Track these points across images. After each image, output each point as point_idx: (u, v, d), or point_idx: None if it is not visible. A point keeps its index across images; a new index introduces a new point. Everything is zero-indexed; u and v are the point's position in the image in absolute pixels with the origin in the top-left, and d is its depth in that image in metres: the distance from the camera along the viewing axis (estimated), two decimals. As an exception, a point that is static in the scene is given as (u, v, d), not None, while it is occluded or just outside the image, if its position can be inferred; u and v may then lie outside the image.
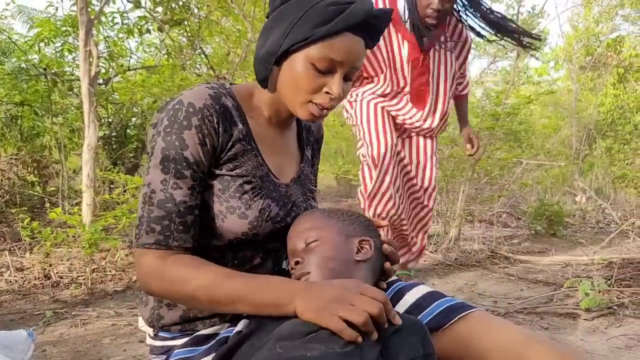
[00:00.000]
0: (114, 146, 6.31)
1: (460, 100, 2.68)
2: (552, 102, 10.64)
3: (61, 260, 3.13)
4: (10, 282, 2.77)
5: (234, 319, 1.04)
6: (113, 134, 6.19)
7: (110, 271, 2.87)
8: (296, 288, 0.88)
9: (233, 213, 1.00)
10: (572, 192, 5.88)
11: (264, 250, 1.11)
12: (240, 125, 1.02)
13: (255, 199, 1.02)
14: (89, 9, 3.50)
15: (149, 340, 1.14)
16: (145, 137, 6.43)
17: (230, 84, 1.10)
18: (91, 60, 3.39)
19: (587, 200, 5.45)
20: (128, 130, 6.36)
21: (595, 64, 8.31)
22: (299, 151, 1.21)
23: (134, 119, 6.28)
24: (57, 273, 2.89)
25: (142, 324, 1.14)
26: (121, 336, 1.91)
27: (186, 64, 4.78)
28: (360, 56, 1.00)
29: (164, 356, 1.10)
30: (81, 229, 2.65)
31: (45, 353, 1.72)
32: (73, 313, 2.19)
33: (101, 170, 5.03)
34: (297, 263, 0.99)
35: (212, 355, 0.98)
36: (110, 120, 5.73)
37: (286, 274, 1.12)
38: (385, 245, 1.03)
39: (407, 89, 2.34)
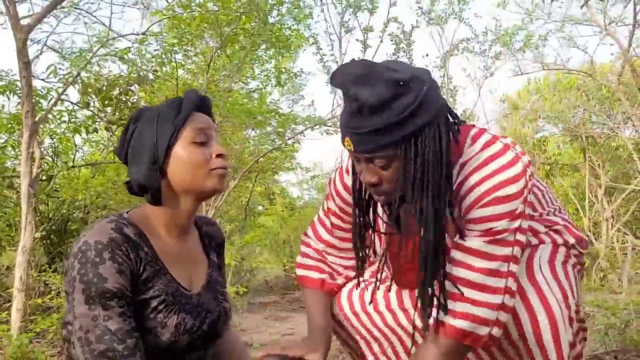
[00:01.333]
0: (54, 240, 6.12)
1: None
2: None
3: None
4: None
5: None
6: (53, 228, 6.02)
7: (36, 383, 2.71)
8: None
9: (150, 333, 1.09)
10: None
11: None
12: (145, 249, 1.12)
13: (169, 315, 1.11)
14: (36, 107, 3.57)
15: None
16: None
17: (127, 211, 1.21)
18: (33, 161, 3.40)
19: None
20: (69, 224, 6.21)
21: (524, 161, 8.94)
22: (206, 257, 1.32)
23: (75, 213, 6.16)
24: (-23, 387, 2.71)
25: None
26: None
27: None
28: (213, 125, 1.23)
29: None
30: (7, 340, 2.54)
31: None
32: None
33: (37, 267, 4.86)
34: None
35: None
36: (50, 216, 5.61)
37: None
38: None
39: None
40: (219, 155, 1.18)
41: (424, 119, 1.09)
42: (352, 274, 1.52)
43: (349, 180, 1.40)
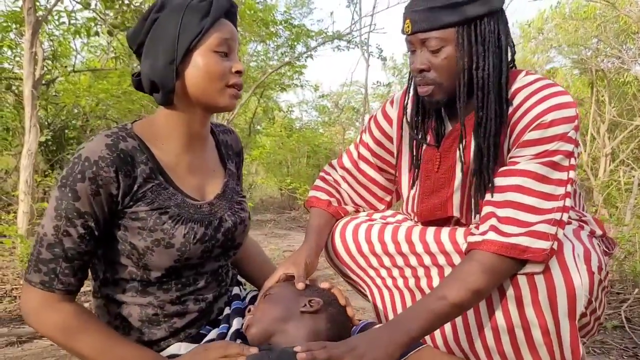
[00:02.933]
0: (52, 148, 6.06)
1: None
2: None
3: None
4: (-64, 293, 2.61)
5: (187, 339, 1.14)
6: (51, 135, 5.94)
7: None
8: None
9: (159, 245, 1.06)
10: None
11: (206, 273, 1.17)
12: (141, 166, 1.07)
13: (176, 226, 1.07)
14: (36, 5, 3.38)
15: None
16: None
17: (133, 121, 1.14)
18: (36, 62, 3.26)
19: None
20: (67, 132, 6.12)
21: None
22: (222, 167, 1.26)
23: (74, 121, 6.05)
24: (-12, 285, 2.75)
25: None
26: (61, 357, 1.86)
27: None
28: (237, 35, 1.15)
29: None
30: (19, 241, 2.54)
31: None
32: (10, 331, 2.10)
33: (37, 172, 4.82)
34: (249, 311, 1.10)
35: None
36: (49, 122, 5.50)
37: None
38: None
39: None
40: (237, 72, 1.10)
41: (485, 8, 1.13)
42: (360, 208, 1.55)
43: (392, 112, 1.43)
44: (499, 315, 1.15)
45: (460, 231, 1.25)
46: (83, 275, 1.05)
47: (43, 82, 4.28)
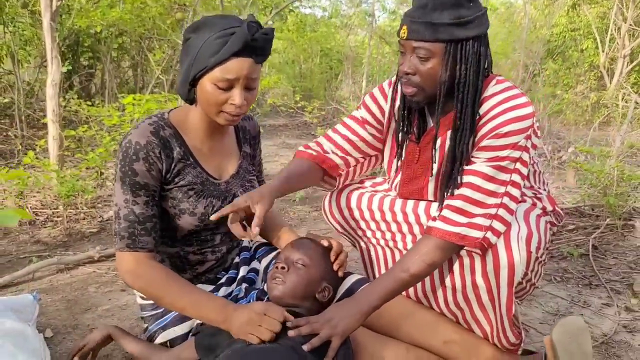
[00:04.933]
0: (67, 56, 6.20)
1: None
2: (507, 20, 10.81)
3: (31, 192, 3.33)
4: (-13, 217, 2.99)
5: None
6: (67, 43, 6.05)
7: (82, 208, 3.12)
8: (228, 313, 1.25)
9: (185, 213, 1.38)
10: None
11: (220, 233, 1.51)
12: (177, 149, 1.37)
13: (199, 200, 1.39)
14: None
15: (139, 300, 1.53)
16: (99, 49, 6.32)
17: (170, 111, 1.42)
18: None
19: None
20: (82, 39, 6.22)
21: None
22: (238, 149, 1.55)
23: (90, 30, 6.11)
24: (31, 207, 3.12)
25: None
26: (104, 284, 2.24)
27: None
28: (251, 71, 1.28)
29: (156, 311, 1.47)
30: (57, 176, 2.86)
31: (41, 302, 2.03)
32: (56, 257, 2.47)
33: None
34: (282, 268, 1.33)
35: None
36: (64, 35, 5.58)
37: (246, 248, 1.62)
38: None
39: None
40: (233, 104, 1.29)
41: (474, 32, 1.31)
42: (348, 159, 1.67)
43: (382, 101, 1.62)
44: (457, 278, 1.45)
45: (434, 206, 1.52)
46: (156, 235, 1.34)
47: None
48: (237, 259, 1.60)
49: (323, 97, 8.28)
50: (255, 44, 1.26)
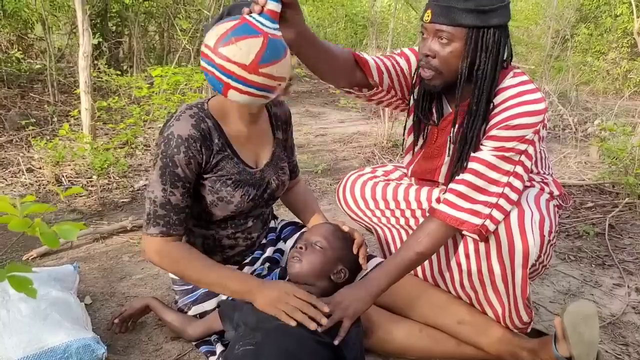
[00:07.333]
0: (96, 22, 6.28)
1: None
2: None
3: (66, 161, 3.49)
4: (26, 185, 3.16)
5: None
6: (95, 10, 6.13)
7: (114, 178, 3.27)
8: (253, 285, 1.37)
9: (222, 201, 1.47)
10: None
11: (253, 217, 1.60)
12: (216, 140, 1.44)
13: (236, 189, 1.48)
14: None
15: (171, 274, 1.65)
16: (129, 18, 6.39)
17: (208, 99, 1.49)
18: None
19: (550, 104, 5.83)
20: (110, 5, 6.28)
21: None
22: (272, 136, 1.63)
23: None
24: (66, 176, 3.28)
25: None
26: (137, 253, 2.38)
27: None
28: None
29: (186, 286, 1.61)
30: (90, 148, 2.99)
31: (80, 271, 2.19)
32: (91, 226, 2.63)
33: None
34: (301, 248, 1.43)
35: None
36: (94, 2, 5.66)
37: (273, 230, 1.72)
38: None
39: None
40: None
41: (496, 21, 1.36)
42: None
43: (407, 72, 1.66)
44: (473, 262, 1.53)
45: None
46: (187, 224, 1.46)
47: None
48: (264, 241, 1.69)
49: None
50: None
